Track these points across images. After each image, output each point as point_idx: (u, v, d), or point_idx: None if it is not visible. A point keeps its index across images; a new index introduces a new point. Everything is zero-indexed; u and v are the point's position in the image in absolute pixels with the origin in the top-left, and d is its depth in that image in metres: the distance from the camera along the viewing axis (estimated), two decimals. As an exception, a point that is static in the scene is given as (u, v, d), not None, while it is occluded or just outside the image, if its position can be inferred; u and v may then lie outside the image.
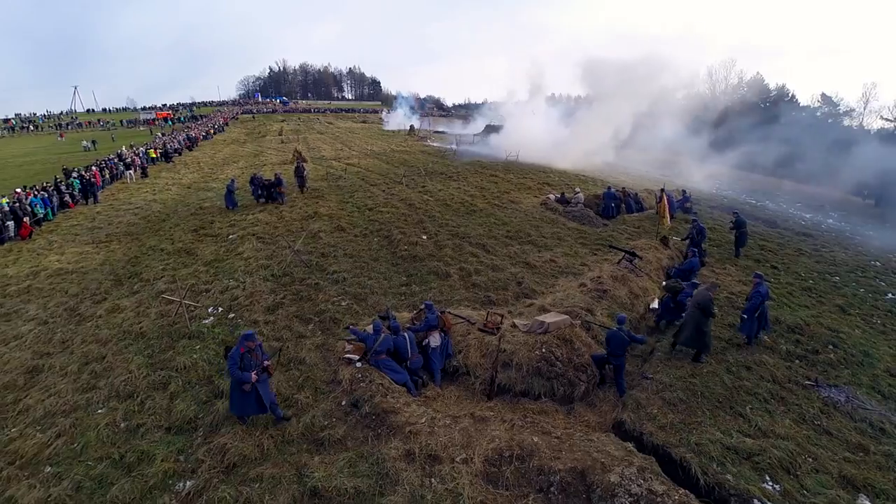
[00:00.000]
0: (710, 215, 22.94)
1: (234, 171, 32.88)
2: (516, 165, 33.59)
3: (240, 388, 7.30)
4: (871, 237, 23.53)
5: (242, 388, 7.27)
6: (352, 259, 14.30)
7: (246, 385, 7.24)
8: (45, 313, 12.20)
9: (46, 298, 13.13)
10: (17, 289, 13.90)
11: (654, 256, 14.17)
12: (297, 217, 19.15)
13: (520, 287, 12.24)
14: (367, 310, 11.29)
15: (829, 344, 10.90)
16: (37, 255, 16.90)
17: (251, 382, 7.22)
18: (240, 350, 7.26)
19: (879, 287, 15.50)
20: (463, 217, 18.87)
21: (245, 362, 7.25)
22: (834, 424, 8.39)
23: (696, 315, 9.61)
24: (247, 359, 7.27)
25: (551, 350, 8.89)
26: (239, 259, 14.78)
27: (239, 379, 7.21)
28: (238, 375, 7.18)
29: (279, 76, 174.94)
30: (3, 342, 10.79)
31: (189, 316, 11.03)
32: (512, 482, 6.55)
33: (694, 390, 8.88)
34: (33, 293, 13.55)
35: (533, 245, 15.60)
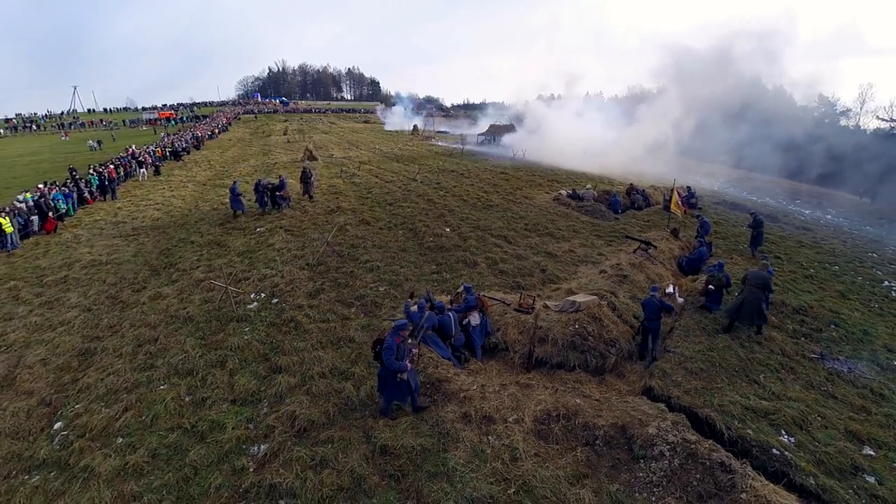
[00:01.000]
0: (714, 210, 23.89)
1: (246, 169, 33.54)
2: (524, 164, 34.47)
3: (395, 377, 7.49)
4: (868, 231, 24.58)
5: (399, 376, 7.47)
6: (381, 249, 15.07)
7: (403, 374, 7.44)
8: (87, 301, 12.73)
9: (85, 287, 13.67)
10: (53, 279, 14.37)
11: (667, 247, 15.05)
12: (321, 211, 19.90)
13: (544, 274, 13.07)
14: (404, 294, 12.00)
15: (831, 324, 11.78)
16: (66, 248, 17.39)
17: (406, 371, 7.45)
18: (395, 340, 7.43)
19: (876, 275, 16.45)
20: (481, 211, 19.70)
21: (400, 352, 7.43)
22: (839, 390, 9.27)
23: (757, 294, 10.65)
24: (401, 349, 7.45)
25: (584, 326, 9.72)
26: (271, 250, 15.49)
27: (396, 368, 7.38)
28: (396, 365, 7.35)
29: (278, 76, 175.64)
30: (50, 328, 11.34)
31: (234, 301, 11.72)
32: (560, 437, 7.36)
33: (713, 361, 9.73)
34: (71, 283, 14.06)
35: (551, 237, 16.45)
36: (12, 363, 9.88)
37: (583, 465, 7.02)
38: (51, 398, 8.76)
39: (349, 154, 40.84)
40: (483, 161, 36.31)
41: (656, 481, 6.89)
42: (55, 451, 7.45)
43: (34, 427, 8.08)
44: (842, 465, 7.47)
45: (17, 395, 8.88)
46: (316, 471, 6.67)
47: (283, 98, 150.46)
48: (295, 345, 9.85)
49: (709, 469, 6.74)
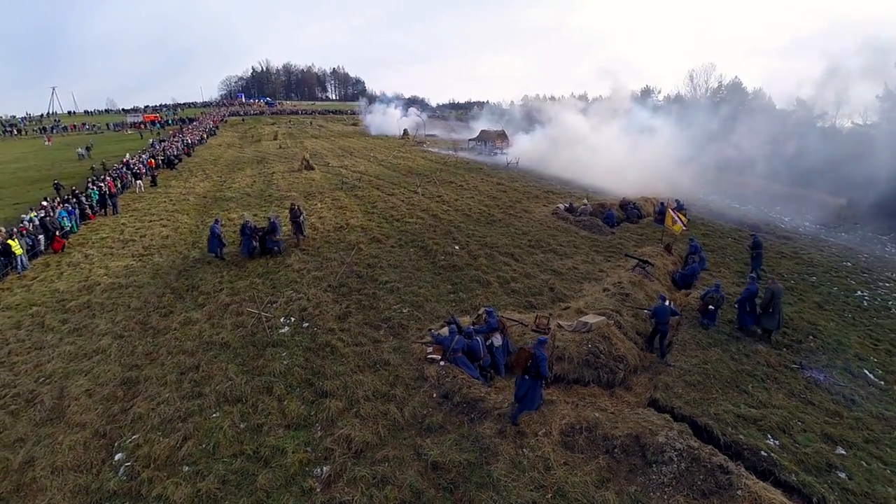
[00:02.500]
0: (701, 220, 25.40)
1: (244, 181, 33.97)
2: (518, 173, 35.67)
3: (540, 387, 9.11)
4: (843, 238, 26.38)
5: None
6: (397, 269, 16.07)
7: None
8: (117, 327, 12.99)
9: (111, 313, 13.93)
10: (76, 304, 14.53)
11: (661, 263, 16.36)
12: (331, 228, 20.77)
13: (553, 293, 14.24)
14: (427, 315, 13.10)
15: (809, 335, 13.21)
16: (80, 269, 17.51)
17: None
18: (544, 352, 8.95)
19: (850, 285, 18.01)
20: (485, 227, 20.83)
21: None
22: (816, 397, 10.64)
23: (779, 304, 12.58)
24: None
25: (595, 346, 10.91)
26: (290, 271, 16.32)
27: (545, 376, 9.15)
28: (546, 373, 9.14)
29: (262, 76, 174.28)
30: (86, 356, 11.63)
31: (267, 326, 12.44)
32: (584, 447, 8.52)
33: (707, 374, 11.01)
34: (95, 308, 14.26)
35: (554, 253, 17.64)
36: (56, 394, 10.18)
37: (605, 471, 8.17)
38: (104, 430, 9.08)
39: (345, 163, 41.56)
40: (478, 170, 37.44)
41: (667, 482, 8.10)
42: (123, 482, 7.82)
43: (94, 459, 8.38)
44: (818, 463, 8.80)
45: (70, 427, 9.15)
46: (379, 488, 7.62)
47: (269, 99, 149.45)
48: (335, 369, 10.75)
49: (710, 471, 7.97)
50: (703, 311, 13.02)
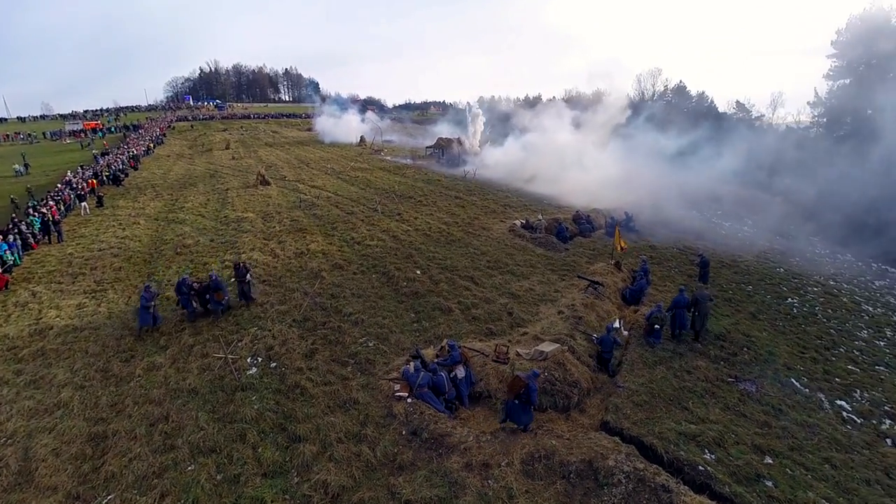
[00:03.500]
0: (648, 231, 26.95)
1: (197, 200, 33.09)
2: (476, 185, 36.43)
3: (531, 410, 10.38)
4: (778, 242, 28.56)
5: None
6: (361, 299, 16.43)
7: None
8: (77, 377, 12.53)
9: (69, 360, 13.35)
10: (29, 352, 13.85)
11: (612, 281, 17.45)
12: (292, 254, 20.81)
13: (511, 317, 15.01)
14: (393, 348, 13.57)
15: (744, 347, 14.55)
16: (27, 310, 16.67)
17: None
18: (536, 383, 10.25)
19: (782, 292, 19.75)
20: (445, 248, 21.41)
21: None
22: (748, 409, 11.84)
23: (706, 308, 14.45)
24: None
25: (551, 373, 11.72)
26: (254, 305, 16.35)
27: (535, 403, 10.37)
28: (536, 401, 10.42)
29: (211, 77, 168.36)
30: (47, 412, 11.22)
31: (234, 369, 12.52)
32: (543, 474, 9.28)
33: (653, 393, 12.04)
34: (51, 356, 13.65)
35: (512, 274, 18.43)
36: (20, 456, 9.82)
37: (563, 496, 8.97)
38: (77, 491, 8.88)
39: (301, 176, 41.16)
40: (436, 182, 37.97)
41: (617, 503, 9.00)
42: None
43: (71, 525, 8.20)
44: (748, 474, 9.91)
45: (41, 492, 8.90)
46: (357, 532, 8.16)
47: (219, 101, 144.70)
48: (306, 411, 11.05)
49: (654, 490, 8.88)
50: (649, 331, 14.13)
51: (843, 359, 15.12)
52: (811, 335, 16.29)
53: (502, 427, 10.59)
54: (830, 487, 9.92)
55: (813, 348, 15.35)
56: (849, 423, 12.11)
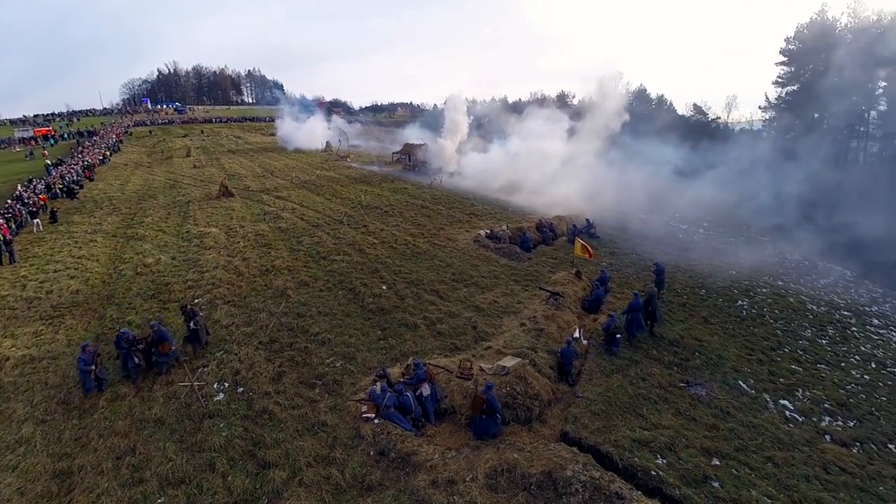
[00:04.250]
0: (609, 236, 27.91)
1: (157, 214, 32.29)
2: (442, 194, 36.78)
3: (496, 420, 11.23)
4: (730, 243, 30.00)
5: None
6: (327, 317, 16.54)
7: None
8: (38, 411, 12.15)
9: (28, 393, 12.94)
10: None
11: (572, 290, 18.09)
12: (256, 272, 20.67)
13: (475, 331, 15.42)
14: (360, 367, 13.79)
15: (696, 351, 15.39)
16: None
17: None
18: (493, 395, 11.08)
19: (733, 295, 20.87)
20: (411, 261, 21.69)
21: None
22: (698, 413, 12.60)
23: (656, 301, 16.17)
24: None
25: (513, 387, 12.18)
26: (219, 327, 16.26)
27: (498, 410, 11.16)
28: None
29: (170, 79, 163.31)
30: (9, 449, 10.92)
31: (201, 396, 12.47)
32: (506, 487, 9.71)
33: (610, 401, 12.65)
34: (8, 389, 13.19)
35: (476, 287, 18.87)
36: None
37: (524, 507, 9.44)
38: None
39: (266, 185, 40.65)
40: (402, 191, 38.13)
41: (575, 513, 9.51)
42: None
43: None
44: (697, 476, 10.60)
45: None
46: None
47: (178, 104, 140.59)
48: (275, 436, 11.14)
49: (609, 498, 9.43)
50: (609, 340, 14.76)
51: (787, 359, 16.16)
52: (758, 337, 17.32)
53: (476, 442, 11.09)
54: (772, 485, 10.71)
55: (760, 350, 16.35)
56: (791, 421, 13.03)
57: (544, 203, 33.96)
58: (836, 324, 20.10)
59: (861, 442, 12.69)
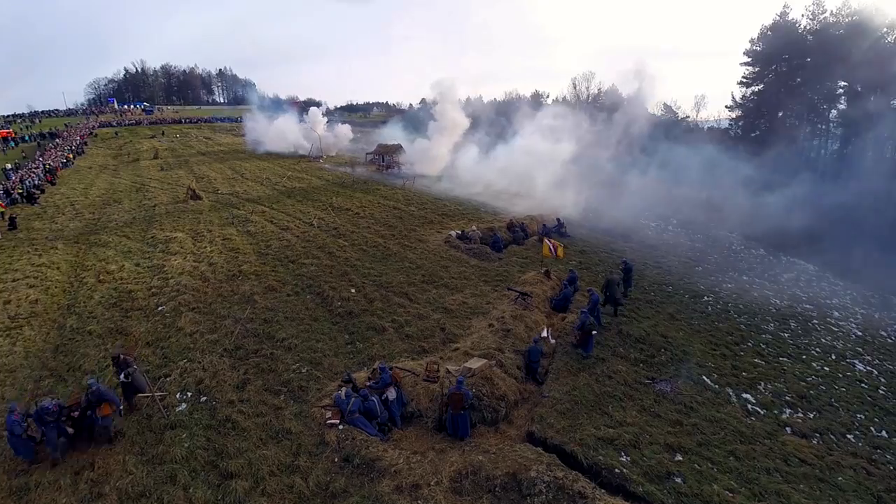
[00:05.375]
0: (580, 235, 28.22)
1: (122, 218, 31.36)
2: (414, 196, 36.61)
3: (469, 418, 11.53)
4: (699, 241, 30.64)
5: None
6: (294, 322, 16.29)
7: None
8: None
9: None
10: None
11: (541, 290, 18.22)
12: (223, 277, 20.25)
13: (444, 333, 15.39)
14: (326, 373, 13.61)
15: (661, 348, 15.65)
16: None
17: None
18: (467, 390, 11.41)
19: (699, 290, 21.32)
20: (381, 262, 21.54)
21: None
22: (662, 409, 12.81)
23: (614, 286, 17.36)
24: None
25: (479, 389, 12.18)
26: (183, 335, 15.83)
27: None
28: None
29: (137, 78, 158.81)
30: None
31: (162, 406, 12.14)
32: (470, 490, 9.72)
33: (576, 400, 12.77)
34: None
35: (446, 288, 18.84)
36: None
37: (489, 510, 9.45)
38: None
39: (236, 188, 39.83)
40: (375, 192, 37.85)
41: (539, 513, 9.56)
42: None
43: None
44: (660, 472, 10.76)
45: None
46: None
47: (147, 105, 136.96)
48: (238, 446, 10.92)
49: (572, 497, 9.53)
50: (583, 341, 14.65)
51: (750, 353, 16.59)
52: (723, 332, 17.73)
53: (451, 442, 11.27)
54: (734, 479, 10.95)
55: (724, 345, 16.74)
56: (753, 414, 13.37)
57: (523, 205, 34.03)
58: (798, 317, 20.72)
59: (821, 433, 13.10)
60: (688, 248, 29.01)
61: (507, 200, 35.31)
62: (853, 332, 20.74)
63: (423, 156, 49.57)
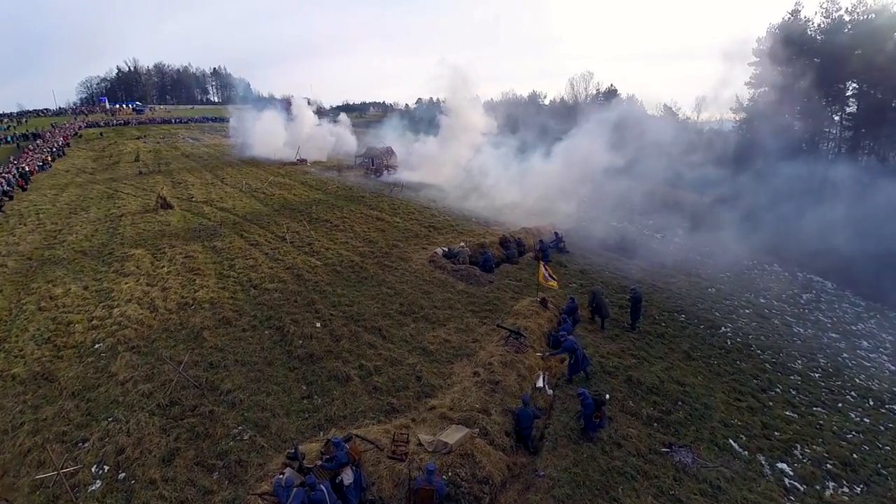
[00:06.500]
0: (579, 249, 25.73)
1: (84, 229, 28.81)
2: (401, 203, 34.03)
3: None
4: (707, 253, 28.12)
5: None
6: (245, 368, 13.78)
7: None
8: None
9: None
10: None
11: (536, 323, 15.72)
12: (174, 305, 17.75)
13: (419, 384, 12.87)
14: (273, 440, 11.14)
15: (678, 400, 13.16)
16: None
17: None
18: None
19: (715, 319, 18.86)
20: (355, 287, 18.99)
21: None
22: (684, 491, 10.31)
23: (601, 298, 17.04)
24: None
25: (456, 472, 9.70)
26: (114, 384, 13.35)
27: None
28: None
29: (130, 77, 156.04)
30: None
31: (70, 485, 9.94)
32: None
33: (577, 481, 10.28)
34: None
35: (426, 321, 16.31)
36: None
37: None
38: None
39: (212, 195, 37.27)
40: (360, 199, 35.30)
41: None
42: None
43: None
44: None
45: None
46: None
47: (139, 104, 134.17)
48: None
49: None
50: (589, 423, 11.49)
51: (780, 402, 14.14)
52: (746, 374, 15.28)
53: None
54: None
55: (749, 392, 14.28)
56: (791, 491, 10.91)
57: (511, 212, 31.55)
58: (825, 350, 18.29)
59: (872, 515, 10.70)
60: (697, 263, 26.57)
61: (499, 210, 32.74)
62: (886, 367, 18.33)
63: (427, 161, 45.56)
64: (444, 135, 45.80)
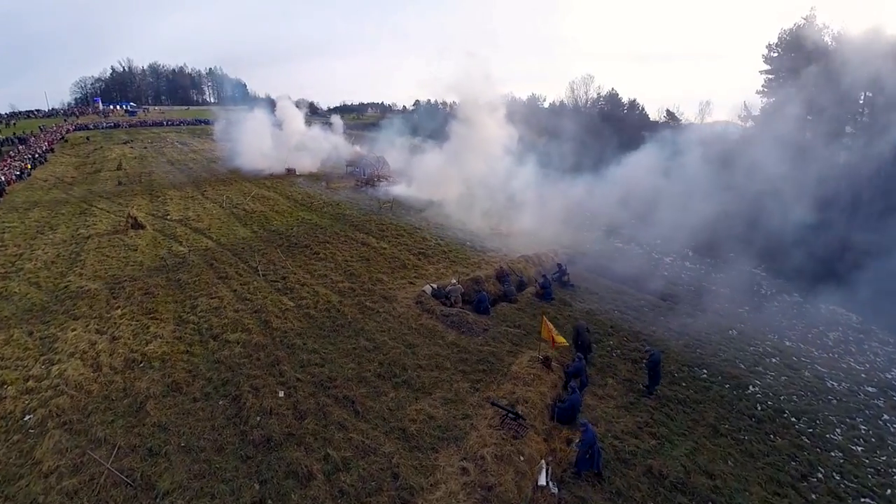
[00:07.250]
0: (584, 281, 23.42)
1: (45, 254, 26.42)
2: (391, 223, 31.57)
3: None
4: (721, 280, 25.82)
5: None
6: (189, 457, 11.41)
7: None
8: None
9: None
10: None
11: (538, 392, 13.39)
12: (119, 365, 15.30)
13: (396, 484, 10.54)
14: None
15: (707, 501, 10.88)
16: None
17: None
18: None
19: (740, 374, 16.59)
20: (329, 339, 16.57)
21: None
22: None
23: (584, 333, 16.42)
24: None
25: None
26: (37, 476, 10.92)
27: None
28: None
29: (124, 77, 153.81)
30: None
31: None
32: None
33: None
34: None
35: (409, 387, 13.92)
36: None
37: None
38: None
39: (189, 213, 34.86)
40: (346, 218, 32.82)
41: None
42: None
43: None
44: None
45: None
46: None
47: (132, 105, 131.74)
48: None
49: None
50: (584, 461, 9.82)
51: (824, 494, 11.89)
52: (783, 454, 13.00)
53: None
54: None
55: (788, 483, 11.99)
56: None
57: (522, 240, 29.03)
58: (864, 411, 16.02)
59: None
60: (713, 295, 24.24)
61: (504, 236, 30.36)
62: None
63: (429, 173, 41.32)
64: (455, 145, 39.61)
